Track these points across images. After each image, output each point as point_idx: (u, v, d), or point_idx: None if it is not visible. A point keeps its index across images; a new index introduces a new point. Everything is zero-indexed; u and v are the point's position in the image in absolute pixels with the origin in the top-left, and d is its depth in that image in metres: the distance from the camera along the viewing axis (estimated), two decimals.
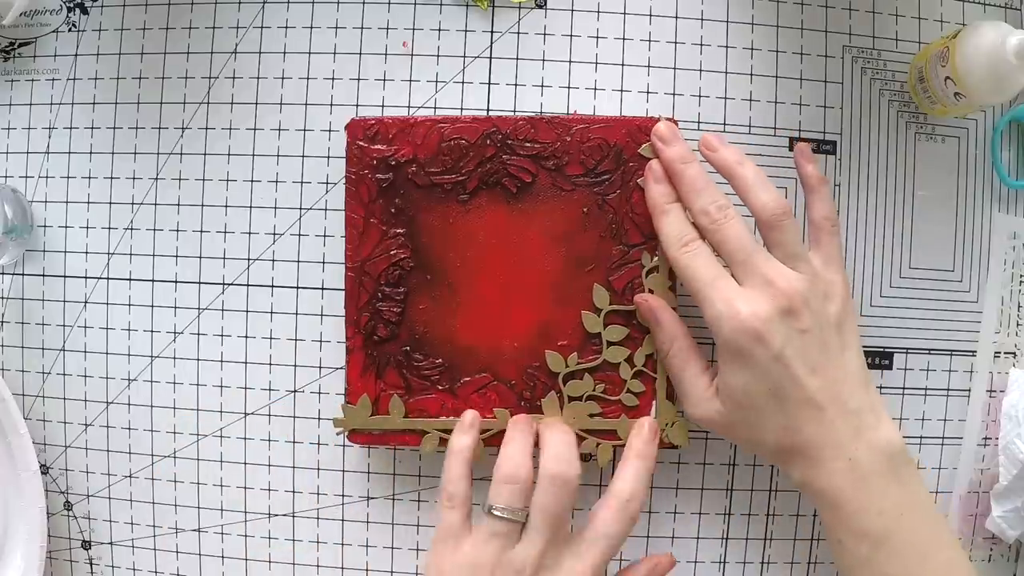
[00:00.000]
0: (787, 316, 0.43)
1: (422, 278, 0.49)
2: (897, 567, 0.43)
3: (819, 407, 0.43)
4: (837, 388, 0.44)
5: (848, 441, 0.43)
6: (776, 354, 0.43)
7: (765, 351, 0.43)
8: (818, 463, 0.43)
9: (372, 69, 0.52)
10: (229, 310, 0.53)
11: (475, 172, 0.48)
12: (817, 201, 0.47)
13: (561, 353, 0.49)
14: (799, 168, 0.48)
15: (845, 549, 0.44)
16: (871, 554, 0.43)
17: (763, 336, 0.43)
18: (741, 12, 0.52)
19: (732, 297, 0.44)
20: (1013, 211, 0.53)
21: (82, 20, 0.53)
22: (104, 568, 0.54)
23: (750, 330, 0.43)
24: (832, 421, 0.43)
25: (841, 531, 0.44)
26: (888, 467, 0.43)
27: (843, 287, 0.46)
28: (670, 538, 0.52)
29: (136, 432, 0.53)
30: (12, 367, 0.54)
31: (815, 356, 0.43)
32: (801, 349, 0.43)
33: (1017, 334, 0.53)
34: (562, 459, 0.44)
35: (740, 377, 0.44)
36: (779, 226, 0.44)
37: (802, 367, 0.43)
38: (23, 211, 0.52)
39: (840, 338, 0.45)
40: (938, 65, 0.47)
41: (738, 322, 0.43)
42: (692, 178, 0.46)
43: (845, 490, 0.43)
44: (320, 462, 0.53)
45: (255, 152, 0.53)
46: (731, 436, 0.47)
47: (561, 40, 0.52)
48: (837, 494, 0.43)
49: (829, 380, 0.44)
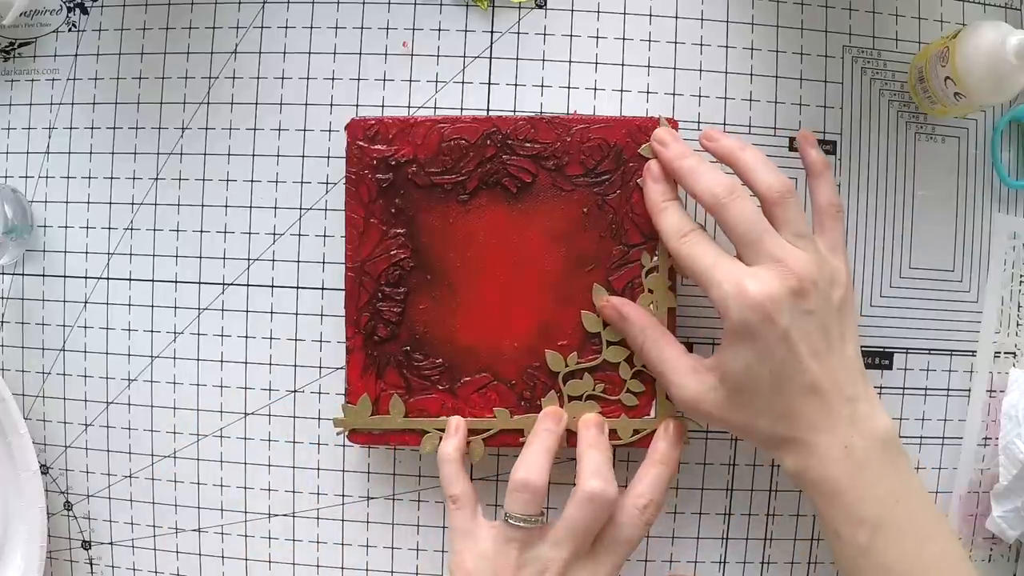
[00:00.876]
0: (796, 296, 0.42)
1: (422, 278, 0.49)
2: (895, 554, 0.42)
3: (819, 392, 0.43)
4: (836, 374, 0.43)
5: (845, 428, 0.43)
6: (782, 334, 0.42)
7: (772, 330, 0.42)
8: (814, 451, 0.43)
9: (372, 69, 0.52)
10: (229, 310, 0.53)
11: (475, 172, 0.48)
12: (821, 186, 0.47)
13: (561, 353, 0.49)
14: (803, 153, 0.48)
15: (843, 540, 0.43)
16: (869, 542, 0.42)
17: (771, 315, 0.42)
18: (741, 12, 0.52)
19: (739, 276, 0.43)
20: (1013, 211, 0.53)
21: (82, 20, 0.53)
22: (104, 568, 0.54)
23: (759, 308, 0.42)
24: (831, 407, 0.43)
25: (839, 521, 0.43)
26: (883, 454, 0.43)
27: (846, 274, 0.46)
28: (670, 538, 0.52)
29: (136, 432, 0.53)
30: (12, 367, 0.54)
31: (817, 340, 0.43)
32: (806, 331, 0.43)
33: (1017, 334, 0.53)
34: (601, 477, 0.44)
35: (743, 358, 0.43)
36: (784, 203, 0.44)
37: (805, 350, 0.43)
38: (23, 211, 0.52)
39: (840, 325, 0.44)
40: (938, 65, 0.47)
41: (747, 300, 0.42)
42: (692, 167, 0.46)
43: (842, 479, 0.43)
44: (320, 462, 0.53)
45: (255, 152, 0.53)
46: (722, 419, 0.45)
47: (561, 40, 0.52)
48: (834, 483, 0.43)
49: (829, 366, 0.43)
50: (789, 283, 0.42)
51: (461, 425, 0.48)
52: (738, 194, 0.44)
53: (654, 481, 0.46)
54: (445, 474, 0.47)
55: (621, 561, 0.45)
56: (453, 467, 0.47)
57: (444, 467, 0.47)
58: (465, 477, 0.47)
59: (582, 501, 0.44)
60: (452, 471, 0.47)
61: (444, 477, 0.47)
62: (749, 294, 0.42)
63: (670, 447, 0.47)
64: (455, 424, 0.49)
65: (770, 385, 0.43)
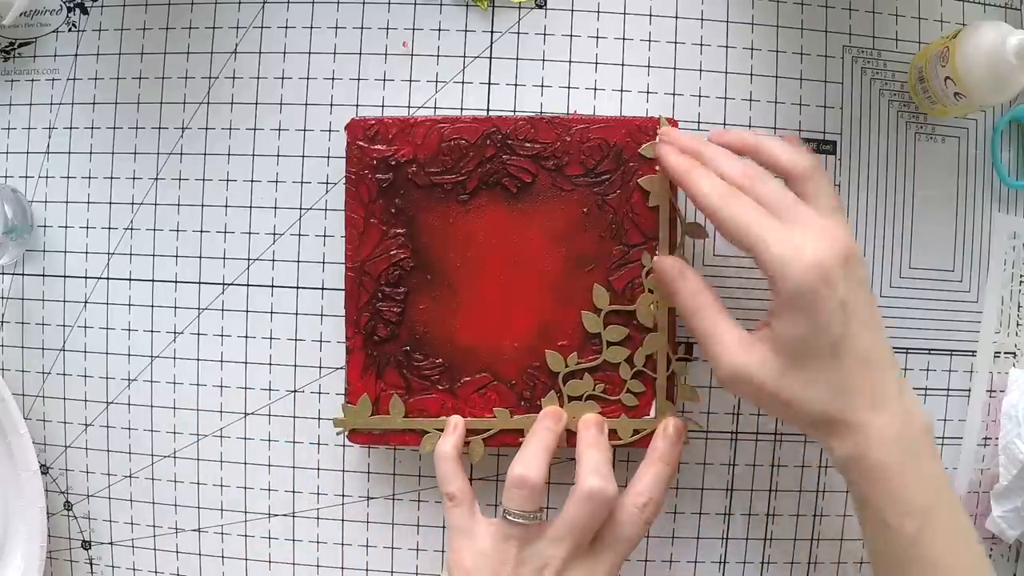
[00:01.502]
0: (847, 264, 0.41)
1: (422, 278, 0.49)
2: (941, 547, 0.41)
3: (873, 365, 0.41)
4: (885, 350, 0.42)
5: (897, 408, 0.41)
6: (842, 300, 0.40)
7: (832, 295, 0.40)
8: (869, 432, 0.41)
9: (372, 69, 0.52)
10: (229, 310, 0.53)
11: (475, 172, 0.48)
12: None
13: (561, 353, 0.49)
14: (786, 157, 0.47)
15: (891, 531, 0.41)
16: (918, 533, 0.41)
17: (831, 279, 0.40)
18: (741, 12, 0.52)
19: (794, 239, 0.40)
20: (1013, 211, 0.53)
21: (82, 20, 0.53)
22: (104, 568, 0.54)
23: (820, 269, 0.40)
24: (885, 383, 0.42)
25: (888, 510, 0.41)
26: (928, 440, 0.42)
27: None
28: (670, 538, 0.52)
29: (136, 432, 0.53)
30: (12, 367, 0.54)
31: (867, 312, 0.42)
32: (859, 302, 0.41)
33: (1017, 334, 0.53)
34: (601, 475, 0.44)
35: (801, 326, 0.41)
36: (813, 177, 0.43)
37: (859, 320, 0.41)
38: (23, 211, 0.52)
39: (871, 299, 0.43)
40: (938, 65, 0.47)
41: (806, 262, 0.40)
42: (715, 151, 0.44)
43: (894, 464, 0.41)
44: (320, 462, 0.53)
45: (255, 152, 0.53)
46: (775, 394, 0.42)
47: (561, 40, 0.52)
48: (886, 468, 0.41)
49: (879, 340, 0.42)
50: (840, 248, 0.41)
51: (460, 423, 0.49)
52: (763, 174, 0.43)
53: (654, 480, 0.46)
54: (442, 472, 0.47)
55: (620, 560, 0.45)
56: (450, 464, 0.47)
57: (441, 464, 0.47)
58: (462, 475, 0.47)
59: (581, 499, 0.44)
60: (449, 468, 0.47)
61: (441, 475, 0.47)
62: (807, 256, 0.40)
63: (670, 446, 0.47)
64: (454, 422, 0.49)
65: (829, 354, 0.41)
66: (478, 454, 0.49)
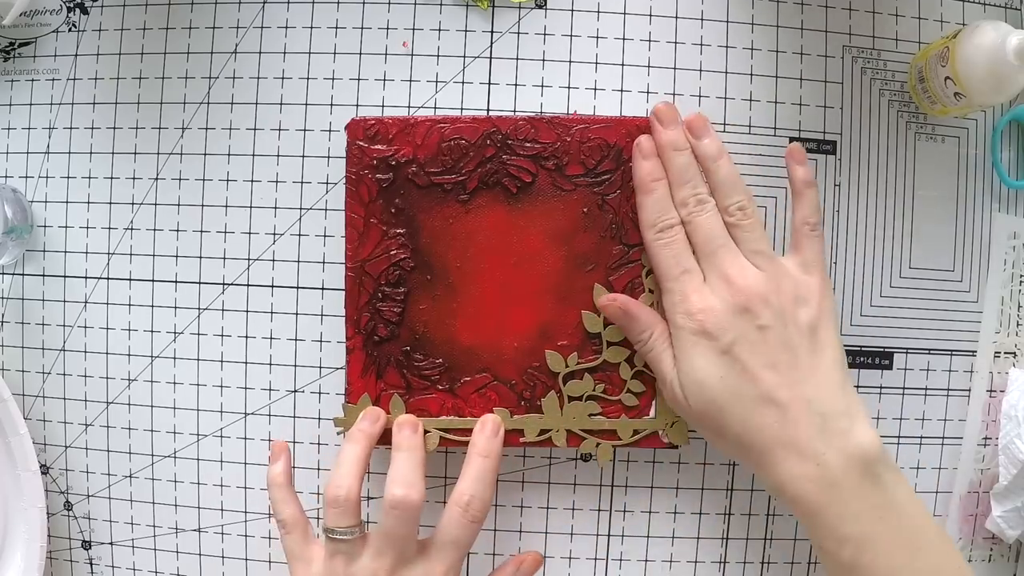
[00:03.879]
0: (742, 313, 0.44)
1: (422, 278, 0.49)
2: (884, 569, 0.42)
3: (779, 405, 0.43)
4: (801, 388, 0.43)
5: (814, 444, 0.42)
6: (725, 348, 0.44)
7: (712, 344, 0.44)
8: (783, 467, 0.43)
9: (372, 69, 0.52)
10: (229, 310, 0.53)
11: (475, 172, 0.48)
12: (801, 203, 0.47)
13: (561, 353, 0.49)
14: (790, 170, 0.48)
15: (828, 555, 0.43)
16: (854, 559, 0.42)
17: (708, 329, 0.44)
18: (741, 12, 0.52)
19: (689, 291, 0.45)
20: (1013, 211, 0.53)
21: (82, 20, 0.53)
22: (104, 568, 0.54)
23: (696, 323, 0.44)
24: (795, 421, 0.43)
25: (820, 537, 0.43)
26: (863, 473, 0.42)
27: (820, 290, 0.45)
28: (670, 538, 0.52)
29: (136, 432, 0.53)
30: (12, 367, 0.54)
31: (775, 354, 0.43)
32: (757, 345, 0.43)
33: (1017, 334, 0.53)
34: (404, 483, 0.44)
35: (695, 365, 0.44)
36: (740, 224, 0.46)
37: (757, 362, 0.43)
38: (23, 211, 0.52)
39: (812, 340, 0.44)
40: (938, 65, 0.47)
41: (686, 313, 0.44)
42: (681, 167, 0.47)
43: (818, 497, 0.42)
44: (320, 462, 0.53)
45: (255, 152, 0.53)
46: (700, 428, 0.46)
47: (561, 40, 0.52)
48: (809, 502, 0.42)
49: (791, 379, 0.43)
50: (735, 301, 0.44)
51: (284, 448, 0.50)
52: (708, 208, 0.46)
53: (475, 476, 0.46)
54: (273, 498, 0.48)
55: (456, 561, 0.45)
56: (281, 491, 0.48)
57: (272, 491, 0.48)
58: (294, 500, 0.48)
59: (387, 510, 0.44)
60: (279, 495, 0.48)
61: (272, 502, 0.48)
62: (690, 309, 0.44)
63: (488, 439, 0.47)
64: (278, 448, 0.50)
65: (727, 394, 0.44)
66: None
